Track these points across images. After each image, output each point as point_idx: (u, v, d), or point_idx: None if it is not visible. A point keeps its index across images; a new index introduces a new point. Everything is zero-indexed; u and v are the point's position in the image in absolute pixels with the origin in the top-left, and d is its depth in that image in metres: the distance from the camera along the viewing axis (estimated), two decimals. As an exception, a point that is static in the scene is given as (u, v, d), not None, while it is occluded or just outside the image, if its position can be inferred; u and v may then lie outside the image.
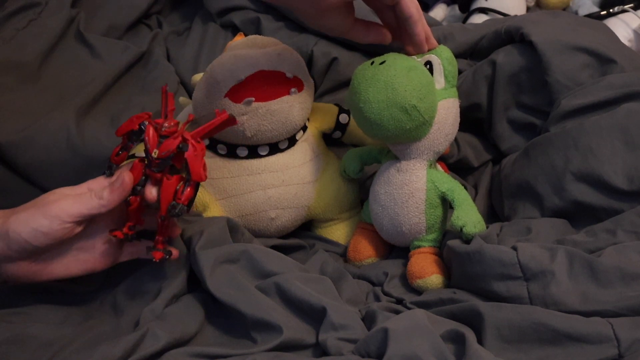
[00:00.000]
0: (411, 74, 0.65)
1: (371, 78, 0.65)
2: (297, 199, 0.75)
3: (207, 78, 0.70)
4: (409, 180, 0.69)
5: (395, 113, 0.65)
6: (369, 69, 0.66)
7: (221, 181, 0.73)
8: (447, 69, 0.68)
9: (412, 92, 0.64)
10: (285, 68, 0.69)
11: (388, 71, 0.65)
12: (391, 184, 0.70)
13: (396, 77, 0.64)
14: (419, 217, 0.69)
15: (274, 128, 0.71)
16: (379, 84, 0.65)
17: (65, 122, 0.81)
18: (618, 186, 0.65)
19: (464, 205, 0.67)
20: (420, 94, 0.65)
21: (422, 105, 0.65)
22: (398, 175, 0.70)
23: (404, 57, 0.67)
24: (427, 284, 0.67)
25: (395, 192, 0.70)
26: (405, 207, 0.69)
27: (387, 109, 0.65)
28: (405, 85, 0.64)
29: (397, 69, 0.65)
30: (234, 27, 1.00)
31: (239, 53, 0.70)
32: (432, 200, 0.69)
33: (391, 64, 0.65)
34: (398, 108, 0.64)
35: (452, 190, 0.69)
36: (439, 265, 0.68)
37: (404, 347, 0.51)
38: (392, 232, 0.72)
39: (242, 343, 0.59)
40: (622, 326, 0.52)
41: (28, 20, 0.93)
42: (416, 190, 0.69)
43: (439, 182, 0.69)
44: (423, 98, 0.65)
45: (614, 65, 0.75)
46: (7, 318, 0.61)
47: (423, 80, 0.65)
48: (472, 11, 1.13)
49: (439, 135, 0.68)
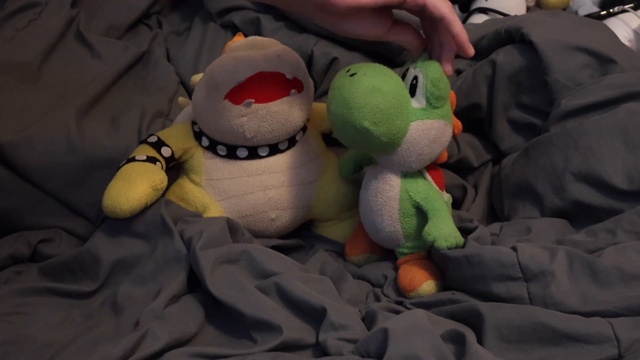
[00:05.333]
0: (371, 96, 0.62)
1: (336, 89, 0.64)
2: (297, 199, 0.75)
3: (206, 80, 0.70)
4: (382, 189, 0.68)
5: (349, 130, 0.63)
6: (339, 78, 0.64)
7: (221, 182, 0.73)
8: (429, 90, 0.64)
9: (367, 115, 0.62)
10: (285, 69, 0.69)
11: (350, 88, 0.62)
12: (368, 190, 0.69)
13: (354, 96, 0.62)
14: (393, 225, 0.68)
15: (273, 129, 0.71)
16: (339, 99, 0.63)
17: (65, 122, 0.81)
18: (618, 186, 0.65)
19: (436, 218, 0.65)
20: (375, 118, 0.62)
21: (376, 129, 0.62)
22: (375, 182, 0.69)
23: (377, 74, 0.63)
24: (419, 294, 0.66)
25: (370, 199, 0.69)
26: (379, 215, 0.69)
27: (342, 124, 0.63)
28: (360, 107, 0.62)
29: (359, 88, 0.62)
30: (234, 27, 1.00)
31: (238, 55, 0.70)
32: (406, 209, 0.68)
33: (356, 80, 0.62)
34: (351, 127, 0.63)
35: (426, 200, 0.67)
36: (428, 270, 0.67)
37: (404, 347, 0.51)
38: (374, 236, 0.71)
39: (242, 343, 0.59)
40: (622, 326, 0.52)
41: (28, 20, 0.93)
42: (389, 199, 0.68)
43: (414, 191, 0.67)
44: (378, 122, 0.62)
45: (614, 65, 0.75)
46: (7, 318, 0.61)
47: (382, 104, 0.62)
48: (472, 11, 1.13)
49: (410, 153, 0.66)
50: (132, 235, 0.68)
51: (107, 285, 0.66)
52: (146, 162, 0.69)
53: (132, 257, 0.67)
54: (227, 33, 1.00)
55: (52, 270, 0.69)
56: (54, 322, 0.62)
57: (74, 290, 0.66)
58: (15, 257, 0.74)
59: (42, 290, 0.66)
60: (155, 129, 0.85)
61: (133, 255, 0.67)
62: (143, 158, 0.70)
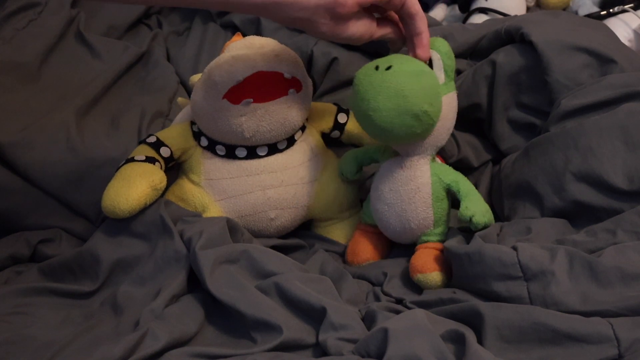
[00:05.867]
0: (420, 79, 0.64)
1: (379, 85, 0.64)
2: (296, 199, 0.75)
3: (205, 79, 0.70)
4: (414, 176, 0.69)
5: (406, 120, 0.64)
6: (376, 75, 0.65)
7: (220, 182, 0.73)
8: (446, 63, 0.68)
9: (424, 98, 0.64)
10: (283, 69, 0.69)
11: (397, 77, 0.64)
12: (396, 181, 0.70)
13: (406, 83, 0.63)
14: (426, 211, 0.69)
15: (272, 129, 0.71)
16: (389, 91, 0.63)
17: (65, 122, 0.81)
18: (618, 186, 0.65)
19: (471, 195, 0.67)
20: (430, 98, 0.64)
21: (432, 109, 0.65)
22: (402, 172, 0.69)
23: (408, 60, 0.66)
24: (427, 279, 0.67)
25: (401, 189, 0.69)
26: (412, 203, 0.69)
27: (398, 116, 0.64)
28: (416, 91, 0.63)
29: (406, 75, 0.64)
30: (234, 27, 1.00)
31: (237, 54, 0.70)
32: (438, 193, 0.69)
33: (398, 70, 0.64)
34: (410, 115, 0.64)
35: (456, 181, 0.69)
36: (442, 263, 0.68)
37: (404, 347, 0.51)
38: (399, 229, 0.71)
39: (242, 343, 0.59)
40: (622, 326, 0.52)
41: (28, 20, 0.93)
42: (422, 185, 0.69)
43: (443, 174, 0.69)
44: (433, 102, 0.64)
45: (614, 65, 0.75)
46: (7, 318, 0.62)
47: (432, 83, 0.65)
48: (472, 11, 1.12)
49: (442, 130, 0.68)
50: (131, 236, 0.68)
51: (107, 285, 0.66)
52: (145, 162, 0.69)
53: (131, 257, 0.67)
54: (227, 33, 1.00)
55: (52, 270, 0.69)
56: (54, 322, 0.62)
57: (73, 290, 0.66)
58: (15, 257, 0.74)
59: (42, 290, 0.66)
60: (155, 129, 0.85)
61: (133, 256, 0.67)
62: (142, 158, 0.70)
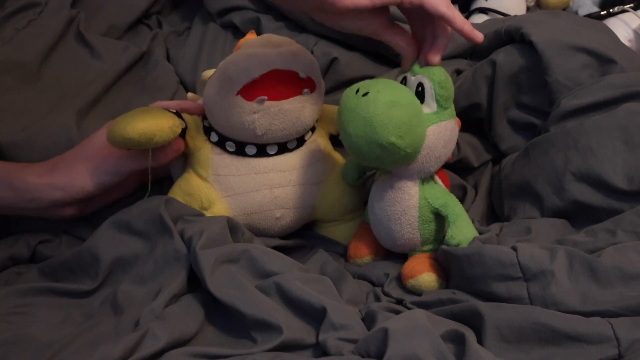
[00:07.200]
0: (392, 111, 0.62)
1: (353, 110, 0.63)
2: (302, 199, 0.75)
3: (219, 75, 0.70)
4: (401, 198, 0.68)
5: (374, 149, 0.63)
6: (352, 100, 0.63)
7: (228, 178, 0.73)
8: (438, 93, 0.65)
9: (392, 130, 0.62)
10: (299, 68, 0.69)
11: (368, 107, 0.62)
12: (384, 200, 0.69)
13: (375, 114, 0.61)
14: (412, 232, 0.69)
15: (284, 127, 0.71)
16: (359, 119, 0.62)
17: (65, 122, 0.81)
18: (618, 186, 0.65)
19: (458, 222, 0.66)
20: (400, 131, 0.62)
21: (402, 142, 0.62)
22: (391, 192, 0.69)
23: (389, 88, 0.63)
24: (419, 282, 0.66)
25: (388, 209, 0.69)
26: (398, 224, 0.69)
27: (367, 144, 0.63)
28: (384, 123, 0.61)
29: (379, 105, 0.62)
30: (234, 27, 1.00)
31: (253, 51, 0.70)
32: (425, 216, 0.68)
33: (373, 98, 0.62)
34: (377, 145, 0.62)
35: (445, 205, 0.67)
36: (432, 264, 0.68)
37: (404, 347, 0.51)
38: (388, 243, 0.72)
39: (242, 343, 0.59)
40: (622, 326, 0.52)
41: (28, 20, 0.93)
42: (408, 208, 0.68)
43: (432, 198, 0.68)
44: (403, 135, 0.62)
45: (614, 65, 0.75)
46: (7, 318, 0.61)
47: (404, 117, 0.62)
48: (472, 11, 1.13)
49: (428, 159, 0.66)
50: (131, 233, 0.67)
51: (107, 284, 0.66)
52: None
53: (131, 255, 0.66)
54: (227, 33, 1.00)
55: (52, 269, 0.69)
56: (54, 322, 0.62)
57: (73, 289, 0.66)
58: (14, 258, 0.73)
59: (42, 290, 0.66)
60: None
61: (132, 254, 0.67)
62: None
